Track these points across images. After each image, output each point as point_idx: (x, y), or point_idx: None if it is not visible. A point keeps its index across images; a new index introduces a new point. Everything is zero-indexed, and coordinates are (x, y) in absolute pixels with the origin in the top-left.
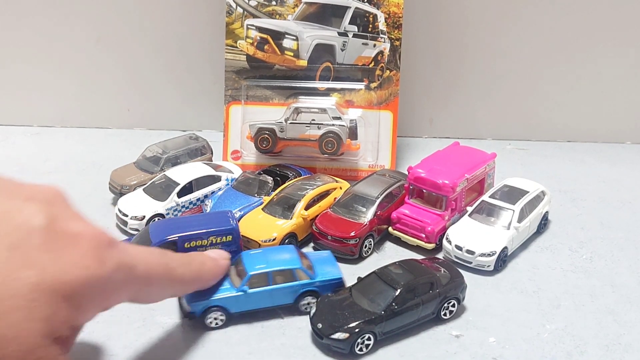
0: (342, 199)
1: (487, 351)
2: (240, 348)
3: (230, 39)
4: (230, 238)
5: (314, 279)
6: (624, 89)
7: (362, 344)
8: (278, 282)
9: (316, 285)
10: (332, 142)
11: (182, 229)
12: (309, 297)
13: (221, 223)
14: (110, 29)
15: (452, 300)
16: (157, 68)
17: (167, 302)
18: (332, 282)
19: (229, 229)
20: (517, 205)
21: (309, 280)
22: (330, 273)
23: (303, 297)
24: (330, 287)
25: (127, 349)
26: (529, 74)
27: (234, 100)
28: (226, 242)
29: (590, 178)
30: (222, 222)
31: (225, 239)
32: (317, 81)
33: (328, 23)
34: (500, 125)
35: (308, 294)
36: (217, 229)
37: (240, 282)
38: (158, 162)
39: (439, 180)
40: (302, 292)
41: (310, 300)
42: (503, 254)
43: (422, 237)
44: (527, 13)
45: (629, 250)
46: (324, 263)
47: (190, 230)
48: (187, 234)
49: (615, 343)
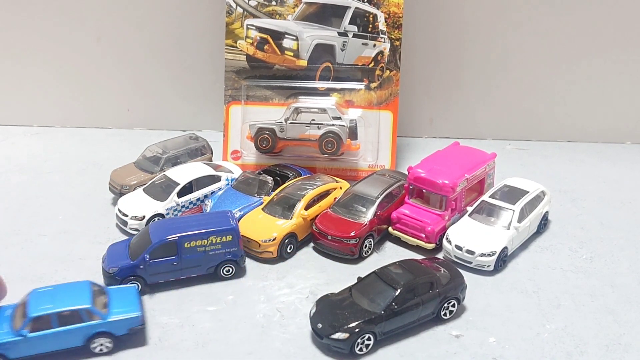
0: (342, 199)
1: (487, 351)
2: (240, 348)
3: (230, 39)
4: (230, 238)
5: (105, 319)
6: (624, 89)
7: (362, 344)
8: (64, 325)
9: (109, 325)
10: (332, 142)
11: (182, 228)
12: (103, 339)
13: (221, 223)
14: (110, 29)
15: (452, 300)
16: (157, 68)
17: (168, 303)
18: (127, 320)
19: (229, 229)
20: (517, 205)
21: (100, 321)
22: (127, 310)
23: (95, 338)
24: (126, 326)
25: (127, 349)
26: (529, 74)
27: (234, 100)
28: (226, 242)
29: (590, 178)
30: (222, 222)
31: (226, 239)
32: (317, 81)
33: (328, 23)
34: (500, 125)
35: (101, 335)
36: (217, 229)
37: (21, 324)
38: (158, 162)
39: (439, 180)
40: (94, 333)
41: (104, 342)
42: (503, 254)
43: (422, 237)
44: (527, 14)
45: (629, 250)
46: (123, 299)
47: (190, 230)
48: (188, 234)
49: (615, 343)
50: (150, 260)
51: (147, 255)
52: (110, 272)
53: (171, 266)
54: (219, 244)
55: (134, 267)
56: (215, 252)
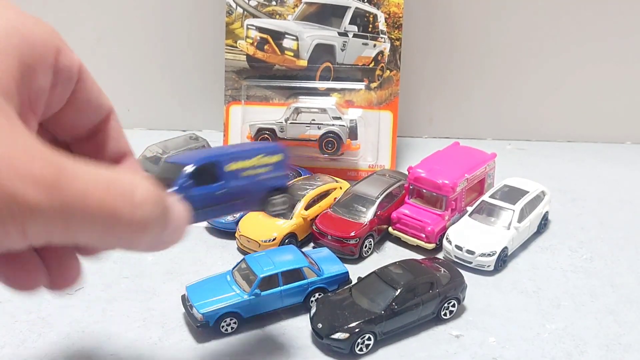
0: (342, 199)
1: (487, 351)
2: (240, 348)
3: (230, 39)
4: (281, 157)
5: (321, 276)
6: (624, 89)
7: (362, 344)
8: (288, 283)
9: (324, 281)
10: (332, 142)
11: (223, 150)
12: (317, 295)
13: (268, 146)
14: (110, 29)
15: (452, 300)
16: (157, 68)
17: (168, 303)
18: (339, 277)
19: (278, 148)
20: (517, 205)
21: (317, 278)
22: (336, 269)
23: (312, 295)
24: (337, 282)
25: (127, 349)
26: (529, 74)
27: (234, 100)
28: (276, 164)
29: (590, 178)
30: (269, 145)
31: (275, 159)
32: (317, 81)
33: (328, 23)
34: (500, 125)
35: (316, 291)
36: (264, 147)
37: (249, 286)
38: (158, 162)
39: (439, 180)
40: (311, 290)
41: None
42: (503, 254)
43: (422, 237)
44: (527, 13)
45: (629, 250)
46: (326, 259)
47: (233, 150)
48: (231, 152)
49: (615, 343)
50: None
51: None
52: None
53: (213, 197)
54: (268, 165)
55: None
56: (265, 176)
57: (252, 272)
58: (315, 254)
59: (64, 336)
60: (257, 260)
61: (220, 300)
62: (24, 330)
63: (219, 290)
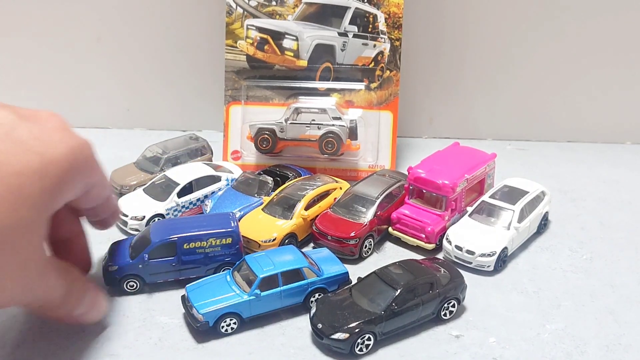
0: (342, 199)
1: (487, 351)
2: (240, 348)
3: (230, 39)
4: (230, 240)
5: (321, 276)
6: (624, 89)
7: (362, 344)
8: (288, 283)
9: (324, 282)
10: (332, 142)
11: (182, 229)
12: (317, 295)
13: (222, 225)
14: (110, 29)
15: (452, 300)
16: (156, 68)
17: (167, 303)
18: (339, 277)
19: (229, 232)
20: (517, 206)
21: (317, 278)
22: (335, 269)
23: (312, 295)
24: (337, 282)
25: (127, 349)
26: (529, 74)
27: (234, 101)
28: (226, 245)
29: (590, 178)
30: (223, 224)
31: (225, 242)
32: (317, 81)
33: (328, 23)
34: (500, 125)
35: (316, 291)
36: (217, 230)
37: (249, 286)
38: (158, 162)
39: (439, 180)
40: (311, 290)
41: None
42: (503, 254)
43: (422, 238)
44: (527, 13)
45: (629, 250)
46: (326, 260)
47: (190, 231)
48: (187, 234)
49: (615, 343)
50: (149, 260)
51: (146, 255)
52: (110, 270)
53: (170, 266)
54: (218, 246)
55: (133, 266)
56: (214, 254)
57: (252, 272)
58: (315, 254)
59: (64, 336)
60: (257, 261)
61: (220, 300)
62: (24, 330)
63: (219, 290)
